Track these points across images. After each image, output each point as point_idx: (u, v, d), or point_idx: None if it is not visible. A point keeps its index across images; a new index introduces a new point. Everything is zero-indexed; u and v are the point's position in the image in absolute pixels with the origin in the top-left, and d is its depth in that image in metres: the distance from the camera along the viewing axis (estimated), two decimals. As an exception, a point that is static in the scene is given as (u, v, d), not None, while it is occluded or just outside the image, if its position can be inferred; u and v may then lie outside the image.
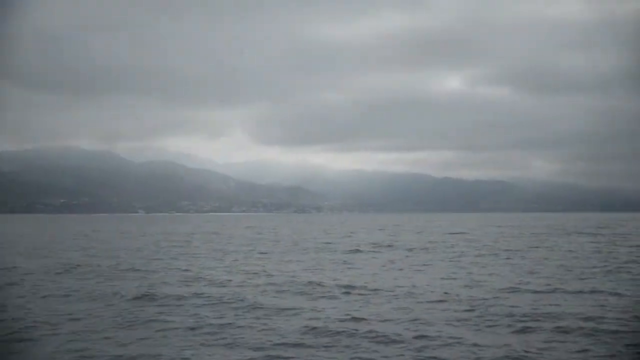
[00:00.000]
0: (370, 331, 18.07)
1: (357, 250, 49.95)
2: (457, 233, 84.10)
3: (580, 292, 25.18)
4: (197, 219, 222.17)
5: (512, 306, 21.80)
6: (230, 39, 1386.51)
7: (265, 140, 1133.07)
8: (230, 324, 19.37)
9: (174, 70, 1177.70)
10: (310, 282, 28.50)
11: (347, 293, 25.56)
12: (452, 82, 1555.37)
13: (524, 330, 18.20)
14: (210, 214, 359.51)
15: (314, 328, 18.49)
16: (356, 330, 18.25)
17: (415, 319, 19.78)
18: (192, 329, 18.64)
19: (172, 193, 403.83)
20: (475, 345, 16.52)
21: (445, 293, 25.10)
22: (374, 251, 49.64)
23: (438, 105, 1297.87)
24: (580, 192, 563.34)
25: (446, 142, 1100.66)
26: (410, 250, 50.40)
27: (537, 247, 52.39)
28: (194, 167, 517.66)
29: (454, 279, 30.34)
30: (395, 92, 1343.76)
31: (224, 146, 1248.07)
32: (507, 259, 41.43)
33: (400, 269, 35.59)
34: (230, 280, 29.72)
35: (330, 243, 60.25)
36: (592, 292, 25.19)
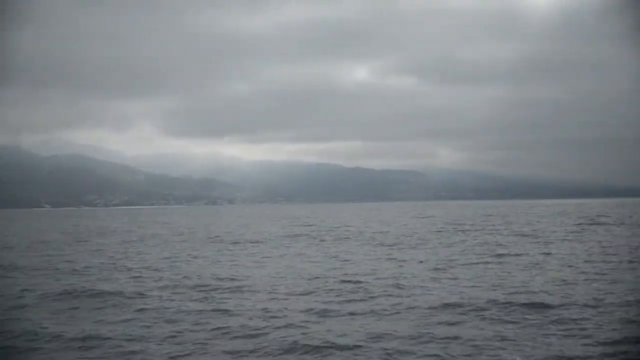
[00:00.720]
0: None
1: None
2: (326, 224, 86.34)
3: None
4: (103, 213, 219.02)
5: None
6: (138, 30, 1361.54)
7: (176, 132, 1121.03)
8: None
9: (80, 61, 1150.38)
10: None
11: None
12: (360, 73, 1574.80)
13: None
14: (120, 207, 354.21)
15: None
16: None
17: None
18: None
19: (80, 187, 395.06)
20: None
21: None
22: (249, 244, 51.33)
23: (347, 96, 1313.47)
24: (487, 180, 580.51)
25: (356, 133, 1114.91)
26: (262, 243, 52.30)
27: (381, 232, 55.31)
28: (103, 159, 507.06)
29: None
30: (304, 83, 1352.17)
31: (134, 138, 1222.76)
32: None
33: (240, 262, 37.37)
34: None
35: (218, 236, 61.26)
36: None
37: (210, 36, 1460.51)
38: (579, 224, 66.31)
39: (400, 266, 31.08)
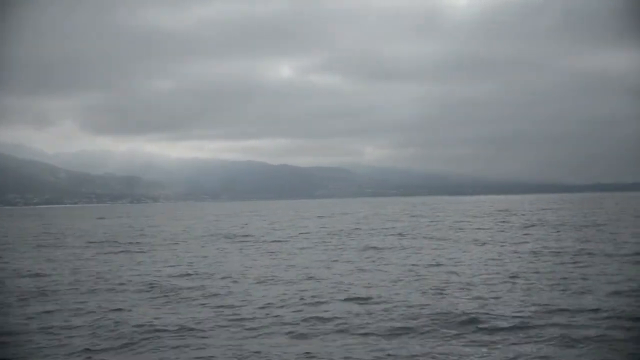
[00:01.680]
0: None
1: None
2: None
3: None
4: (19, 212, 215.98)
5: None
6: (58, 26, 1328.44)
7: (97, 129, 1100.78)
8: None
9: None
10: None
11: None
12: (284, 71, 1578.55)
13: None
14: (40, 206, 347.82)
15: None
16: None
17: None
18: None
19: (0, 186, 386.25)
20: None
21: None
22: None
23: (272, 94, 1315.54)
24: (411, 177, 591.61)
25: (281, 130, 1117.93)
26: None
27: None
28: (23, 158, 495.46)
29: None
30: (229, 81, 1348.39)
31: (54, 136, 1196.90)
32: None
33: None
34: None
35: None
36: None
37: (133, 32, 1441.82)
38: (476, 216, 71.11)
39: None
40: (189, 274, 27.09)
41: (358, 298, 20.10)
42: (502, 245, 36.94)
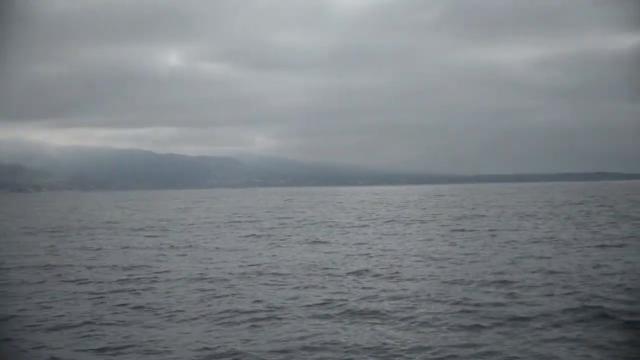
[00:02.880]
0: None
1: None
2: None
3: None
4: None
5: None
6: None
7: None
8: None
9: None
10: None
11: None
12: (172, 58, 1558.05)
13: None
14: None
15: None
16: None
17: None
18: None
19: None
20: None
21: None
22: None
23: (159, 81, 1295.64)
24: (300, 167, 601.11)
25: (168, 118, 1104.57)
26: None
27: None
28: None
29: None
30: (115, 67, 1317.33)
31: None
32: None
33: None
34: None
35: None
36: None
37: (12, 15, 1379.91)
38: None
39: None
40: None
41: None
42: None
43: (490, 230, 43.72)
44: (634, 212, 59.84)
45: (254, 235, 44.53)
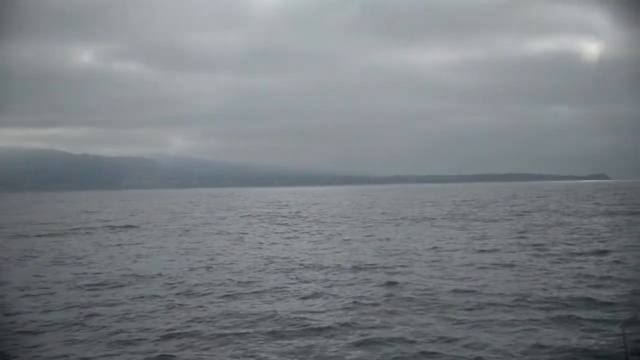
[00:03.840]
0: None
1: None
2: None
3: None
4: None
5: None
6: None
7: None
8: None
9: None
10: None
11: None
12: (85, 57, 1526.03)
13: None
14: None
15: None
16: None
17: None
18: None
19: None
20: None
21: None
22: None
23: (72, 81, 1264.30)
24: (217, 168, 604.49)
25: (83, 119, 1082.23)
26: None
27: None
28: None
29: None
30: (24, 65, 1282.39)
31: None
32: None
33: None
34: None
35: None
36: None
37: None
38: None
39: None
40: None
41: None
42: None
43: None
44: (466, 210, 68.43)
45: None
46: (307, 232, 44.59)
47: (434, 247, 31.53)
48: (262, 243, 37.16)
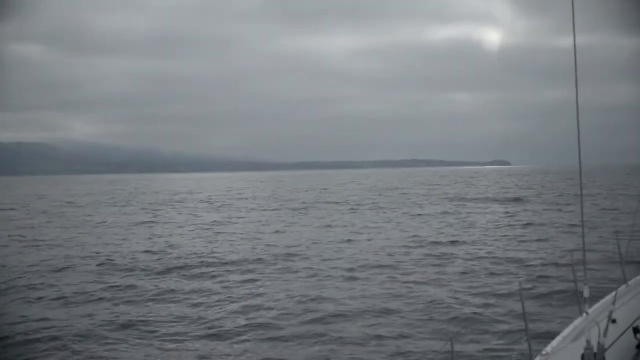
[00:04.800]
0: None
1: None
2: None
3: None
4: None
5: None
6: None
7: None
8: None
9: None
10: None
11: None
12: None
13: None
14: None
15: None
16: None
17: None
18: None
19: None
20: None
21: None
22: None
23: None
24: (122, 153, 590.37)
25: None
26: None
27: None
28: None
29: None
30: None
31: None
32: None
33: None
34: None
35: None
36: None
37: None
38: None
39: None
40: None
41: None
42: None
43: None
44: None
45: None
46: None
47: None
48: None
